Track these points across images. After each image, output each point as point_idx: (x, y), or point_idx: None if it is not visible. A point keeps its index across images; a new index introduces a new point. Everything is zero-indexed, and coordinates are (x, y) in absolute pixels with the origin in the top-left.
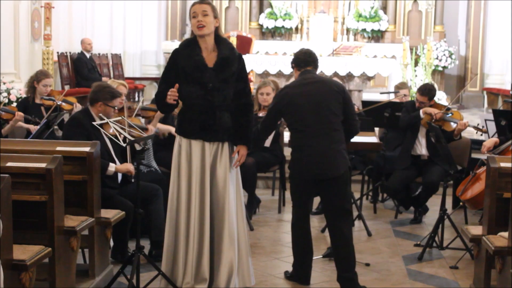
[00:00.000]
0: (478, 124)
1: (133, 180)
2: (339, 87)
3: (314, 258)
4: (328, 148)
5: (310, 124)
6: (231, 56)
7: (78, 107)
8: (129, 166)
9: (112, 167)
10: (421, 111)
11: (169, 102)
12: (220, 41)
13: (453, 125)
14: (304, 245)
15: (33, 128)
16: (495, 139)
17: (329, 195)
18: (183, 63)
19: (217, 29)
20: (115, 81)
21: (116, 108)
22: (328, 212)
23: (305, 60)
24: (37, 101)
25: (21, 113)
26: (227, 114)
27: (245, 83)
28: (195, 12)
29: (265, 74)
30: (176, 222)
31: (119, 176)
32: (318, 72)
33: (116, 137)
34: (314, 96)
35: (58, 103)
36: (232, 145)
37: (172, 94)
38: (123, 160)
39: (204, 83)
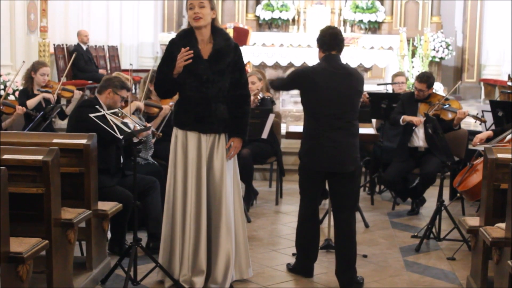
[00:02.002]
0: (477, 114)
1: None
2: (361, 83)
3: None
4: (344, 142)
5: (328, 115)
6: (226, 47)
7: (77, 94)
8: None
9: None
10: (401, 119)
11: (182, 64)
12: (216, 32)
13: (450, 114)
14: (311, 238)
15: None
16: (489, 132)
17: (339, 189)
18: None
19: (213, 21)
20: (121, 74)
21: (124, 99)
22: (335, 206)
23: (329, 44)
24: (36, 91)
25: (21, 108)
26: (223, 105)
27: (241, 73)
28: (192, 4)
29: (262, 65)
30: (172, 214)
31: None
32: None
33: (116, 126)
34: (338, 88)
35: (50, 92)
36: (229, 137)
37: (185, 54)
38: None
39: (198, 74)
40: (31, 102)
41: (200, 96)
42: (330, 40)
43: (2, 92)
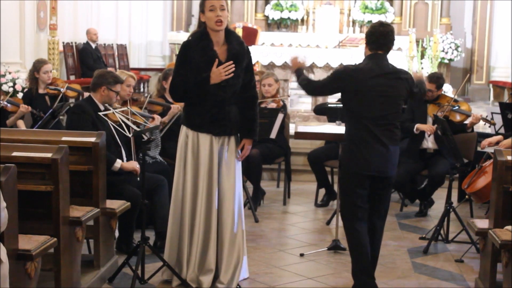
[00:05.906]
0: (486, 116)
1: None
2: (410, 84)
3: (319, 250)
4: (385, 146)
5: (374, 118)
6: (241, 51)
7: (85, 94)
8: (134, 165)
9: (118, 163)
10: (415, 128)
11: (224, 78)
12: (229, 34)
13: (459, 116)
14: (364, 248)
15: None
16: (499, 136)
17: (378, 193)
18: (197, 58)
19: None
20: (124, 72)
21: (118, 93)
22: (371, 210)
23: (378, 43)
24: (41, 91)
25: (26, 106)
26: (235, 107)
27: (252, 75)
28: (213, 6)
29: (271, 65)
30: (181, 213)
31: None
32: (323, 64)
33: (120, 125)
34: (383, 90)
35: (62, 90)
36: (238, 138)
37: (228, 69)
38: (127, 149)
39: None
40: (10, 121)
41: (216, 99)
42: (379, 39)
43: (11, 89)
